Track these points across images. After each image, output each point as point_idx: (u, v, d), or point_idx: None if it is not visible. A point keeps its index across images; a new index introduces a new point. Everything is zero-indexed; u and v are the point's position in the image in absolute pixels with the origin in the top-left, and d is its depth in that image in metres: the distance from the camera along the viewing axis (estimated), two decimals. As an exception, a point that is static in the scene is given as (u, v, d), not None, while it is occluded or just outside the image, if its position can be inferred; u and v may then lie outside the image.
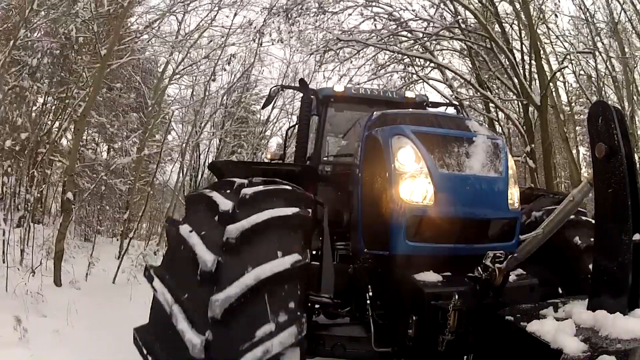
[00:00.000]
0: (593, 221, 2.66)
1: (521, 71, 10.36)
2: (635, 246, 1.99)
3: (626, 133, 2.11)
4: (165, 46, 13.53)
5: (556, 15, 11.87)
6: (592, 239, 2.53)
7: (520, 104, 11.25)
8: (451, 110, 6.42)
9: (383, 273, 2.95)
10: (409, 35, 11.68)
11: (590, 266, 2.24)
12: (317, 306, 2.85)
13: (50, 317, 5.42)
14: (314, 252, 3.02)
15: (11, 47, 7.79)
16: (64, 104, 9.85)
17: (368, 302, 2.78)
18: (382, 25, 11.43)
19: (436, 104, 6.08)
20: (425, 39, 11.46)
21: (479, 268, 2.58)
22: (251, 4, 13.59)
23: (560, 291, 3.26)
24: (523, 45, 10.75)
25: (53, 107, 10.77)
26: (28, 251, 7.14)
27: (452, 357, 2.50)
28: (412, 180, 2.85)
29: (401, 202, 2.83)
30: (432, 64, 12.21)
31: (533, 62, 10.25)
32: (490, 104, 12.73)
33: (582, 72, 12.30)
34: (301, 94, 4.48)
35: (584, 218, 3.44)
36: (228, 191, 2.68)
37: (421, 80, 12.50)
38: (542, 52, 11.08)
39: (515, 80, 10.37)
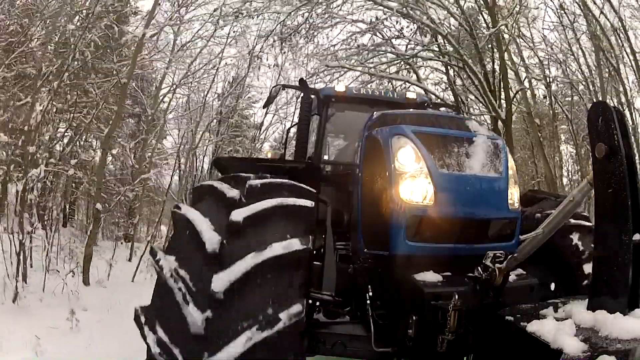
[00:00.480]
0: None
1: (492, 87, 11.27)
2: (635, 246, 1.98)
3: (626, 133, 2.11)
4: (164, 59, 13.83)
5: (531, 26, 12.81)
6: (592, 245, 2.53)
7: (490, 117, 12.13)
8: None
9: (383, 273, 2.95)
10: (391, 53, 12.48)
11: (588, 268, 2.24)
12: (317, 303, 2.85)
13: (91, 311, 6.22)
14: (314, 252, 3.02)
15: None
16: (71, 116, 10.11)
17: (368, 302, 2.78)
18: (368, 40, 12.27)
19: (437, 105, 6.08)
20: (407, 56, 12.32)
21: (479, 268, 2.58)
22: (247, 32, 14.14)
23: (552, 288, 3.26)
24: (494, 64, 11.83)
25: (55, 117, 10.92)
26: (52, 254, 7.59)
27: (452, 357, 2.50)
28: (412, 180, 2.85)
29: (401, 202, 2.83)
30: (411, 83, 12.88)
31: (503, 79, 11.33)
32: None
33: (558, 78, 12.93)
34: (297, 98, 4.47)
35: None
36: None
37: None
38: (517, 61, 12.73)
39: (484, 96, 11.22)
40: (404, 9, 10.77)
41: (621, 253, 2.01)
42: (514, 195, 3.05)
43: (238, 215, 2.31)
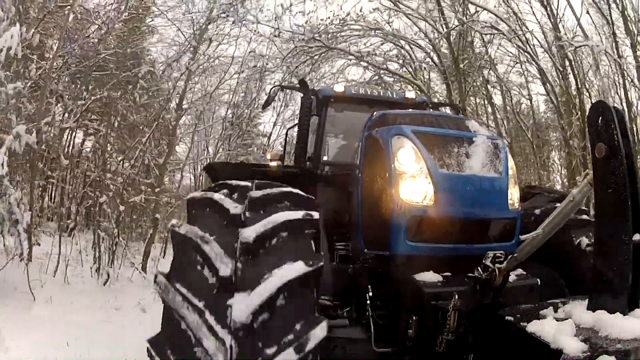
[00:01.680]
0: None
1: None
2: (635, 246, 1.99)
3: (626, 133, 2.11)
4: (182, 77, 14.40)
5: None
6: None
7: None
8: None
9: (383, 273, 2.95)
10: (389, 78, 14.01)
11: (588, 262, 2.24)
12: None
13: (146, 299, 6.99)
14: None
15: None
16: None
17: (368, 302, 2.78)
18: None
19: (436, 105, 6.08)
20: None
21: (479, 268, 2.58)
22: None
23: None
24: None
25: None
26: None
27: (452, 357, 2.50)
28: (412, 180, 2.85)
29: (401, 202, 2.83)
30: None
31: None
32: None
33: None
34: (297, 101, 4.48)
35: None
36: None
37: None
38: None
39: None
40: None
41: (621, 253, 2.01)
42: (514, 195, 3.05)
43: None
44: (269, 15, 11.89)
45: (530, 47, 11.24)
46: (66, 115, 11.26)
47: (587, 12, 11.40)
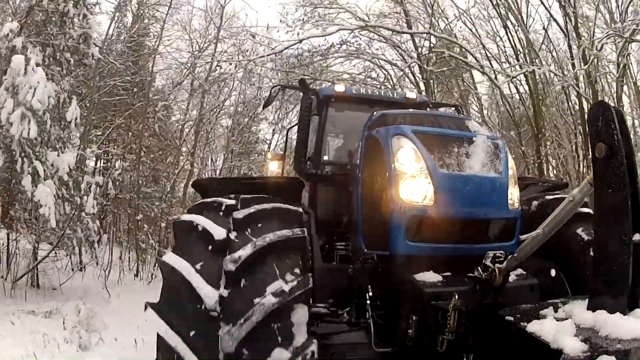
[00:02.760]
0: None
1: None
2: (635, 246, 1.99)
3: (626, 133, 2.11)
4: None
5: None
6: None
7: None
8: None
9: (383, 273, 2.95)
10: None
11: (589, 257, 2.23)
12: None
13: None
14: None
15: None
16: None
17: (368, 302, 2.78)
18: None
19: (437, 105, 6.08)
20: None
21: (479, 268, 2.58)
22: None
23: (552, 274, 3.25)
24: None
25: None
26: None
27: (452, 357, 2.50)
28: (412, 180, 2.85)
29: (401, 202, 2.83)
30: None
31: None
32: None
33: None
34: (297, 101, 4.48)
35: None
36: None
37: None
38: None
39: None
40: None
41: (621, 253, 2.01)
42: (513, 195, 3.05)
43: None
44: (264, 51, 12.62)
45: (494, 73, 12.09)
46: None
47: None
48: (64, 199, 6.35)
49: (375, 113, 3.46)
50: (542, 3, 11.53)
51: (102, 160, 13.31)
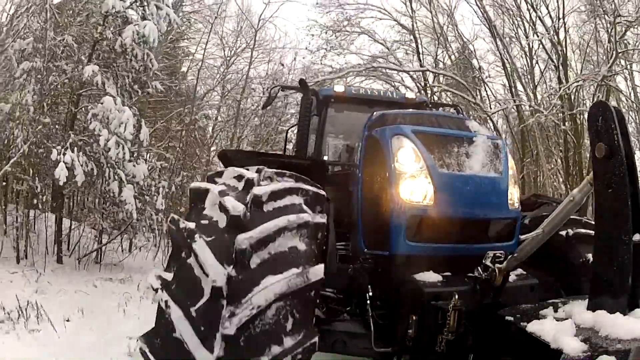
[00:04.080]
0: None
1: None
2: (635, 246, 1.98)
3: (626, 133, 2.11)
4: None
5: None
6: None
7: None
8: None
9: (383, 273, 2.95)
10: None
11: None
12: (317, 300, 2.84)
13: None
14: None
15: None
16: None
17: (368, 302, 2.77)
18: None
19: (437, 105, 6.08)
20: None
21: (479, 268, 2.58)
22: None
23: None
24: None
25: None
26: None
27: (452, 357, 2.50)
28: (412, 180, 2.85)
29: (401, 202, 2.83)
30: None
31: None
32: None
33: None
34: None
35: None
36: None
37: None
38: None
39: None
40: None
41: (621, 253, 2.01)
42: (513, 195, 3.05)
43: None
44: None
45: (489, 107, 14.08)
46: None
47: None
48: (141, 199, 8.01)
49: (374, 113, 3.46)
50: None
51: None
